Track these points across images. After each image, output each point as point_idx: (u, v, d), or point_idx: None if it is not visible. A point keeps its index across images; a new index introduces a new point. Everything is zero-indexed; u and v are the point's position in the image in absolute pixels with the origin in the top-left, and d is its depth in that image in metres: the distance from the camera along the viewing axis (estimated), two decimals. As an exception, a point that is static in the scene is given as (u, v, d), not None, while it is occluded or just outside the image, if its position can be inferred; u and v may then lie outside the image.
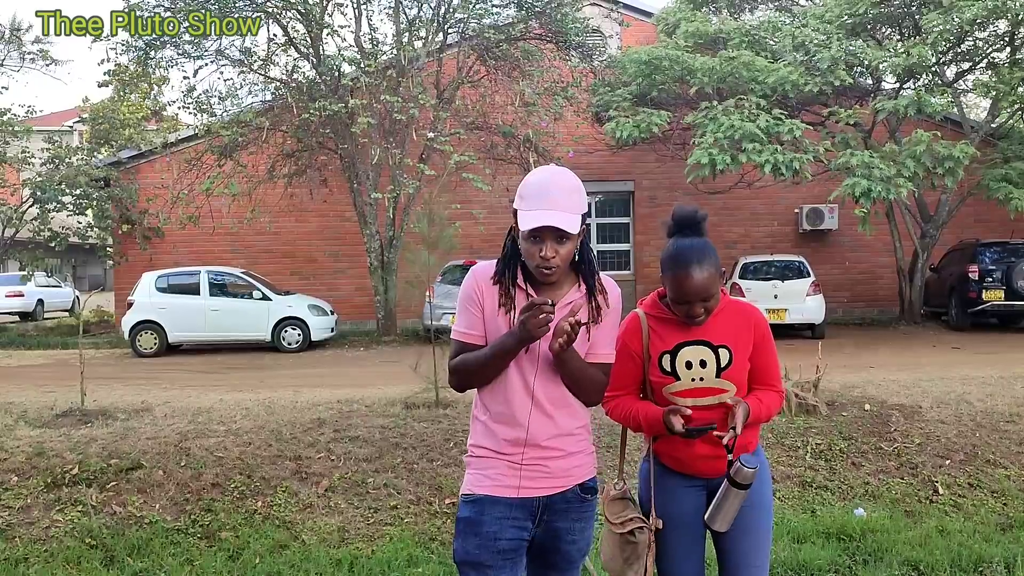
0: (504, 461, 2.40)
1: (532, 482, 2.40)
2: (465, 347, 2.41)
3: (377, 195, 14.67)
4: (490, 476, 2.41)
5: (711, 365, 2.62)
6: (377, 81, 14.39)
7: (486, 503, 2.39)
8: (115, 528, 5.03)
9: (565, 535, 2.46)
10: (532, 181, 2.39)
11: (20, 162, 18.72)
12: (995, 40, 14.89)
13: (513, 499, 2.39)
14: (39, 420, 6.81)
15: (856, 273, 18.82)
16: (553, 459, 2.42)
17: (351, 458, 5.88)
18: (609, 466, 5.82)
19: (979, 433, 6.34)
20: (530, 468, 2.40)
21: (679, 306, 2.60)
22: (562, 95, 15.40)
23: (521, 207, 2.35)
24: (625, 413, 2.71)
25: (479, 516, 2.38)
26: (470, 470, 2.47)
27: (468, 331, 2.42)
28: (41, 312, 25.03)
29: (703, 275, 2.53)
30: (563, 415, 2.44)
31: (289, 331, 14.89)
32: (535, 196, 2.34)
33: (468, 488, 2.45)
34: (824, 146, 13.29)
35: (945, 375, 8.69)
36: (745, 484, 2.51)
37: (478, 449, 2.46)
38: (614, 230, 19.31)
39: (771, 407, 2.69)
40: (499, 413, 2.41)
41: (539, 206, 2.32)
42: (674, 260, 2.58)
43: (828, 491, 5.60)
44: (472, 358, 2.39)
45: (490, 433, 2.43)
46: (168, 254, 18.00)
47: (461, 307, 2.43)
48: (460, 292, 2.45)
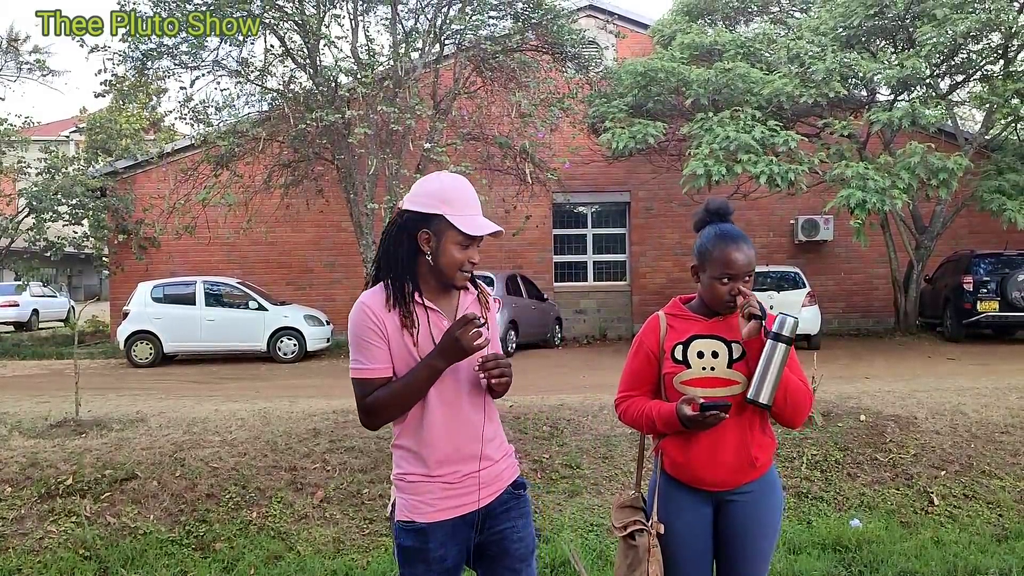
0: (438, 483, 2.36)
1: (468, 497, 2.38)
2: (374, 384, 2.33)
3: (373, 205, 14.67)
4: (427, 501, 2.36)
5: (723, 356, 2.61)
6: (374, 92, 14.42)
7: (428, 530, 2.35)
8: (109, 539, 5.01)
9: (511, 534, 2.45)
10: (454, 185, 2.36)
11: (16, 172, 18.72)
12: (989, 52, 14.98)
13: (454, 519, 2.37)
14: (33, 430, 6.78)
15: (851, 284, 18.86)
16: (485, 470, 2.41)
17: (346, 468, 5.88)
18: (605, 476, 5.83)
19: (974, 444, 6.35)
20: (464, 485, 2.38)
21: (722, 286, 2.60)
22: (558, 106, 15.43)
23: (452, 212, 2.31)
24: (638, 413, 2.69)
25: (423, 544, 2.35)
26: (403, 495, 2.39)
27: (374, 366, 2.32)
28: (36, 322, 25.00)
29: (750, 251, 2.61)
30: (487, 424, 2.44)
31: (285, 341, 14.88)
32: (466, 202, 2.34)
33: (406, 515, 2.37)
34: (819, 157, 13.34)
35: (940, 386, 8.70)
36: (788, 337, 2.47)
37: (408, 476, 2.38)
38: (610, 241, 19.34)
39: (799, 388, 2.60)
40: (425, 437, 2.36)
41: (475, 211, 2.34)
42: (722, 237, 2.64)
43: (824, 502, 5.61)
44: (391, 393, 2.31)
45: (417, 458, 2.37)
46: (164, 264, 18.00)
47: (359, 343, 2.34)
48: (353, 326, 2.35)
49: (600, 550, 4.92)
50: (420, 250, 2.34)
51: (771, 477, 2.72)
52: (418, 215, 2.33)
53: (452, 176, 2.41)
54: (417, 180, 2.43)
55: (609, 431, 6.42)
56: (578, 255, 19.19)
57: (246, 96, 15.98)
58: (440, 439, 2.35)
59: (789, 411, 2.61)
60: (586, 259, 19.22)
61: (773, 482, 2.72)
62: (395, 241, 2.36)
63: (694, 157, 13.09)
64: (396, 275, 2.35)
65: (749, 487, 2.64)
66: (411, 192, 2.40)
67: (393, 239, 2.36)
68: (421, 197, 2.35)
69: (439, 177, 2.41)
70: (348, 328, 2.39)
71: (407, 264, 2.34)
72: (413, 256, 2.35)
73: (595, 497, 5.60)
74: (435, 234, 2.32)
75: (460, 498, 2.37)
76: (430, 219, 2.32)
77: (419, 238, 2.33)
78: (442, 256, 2.32)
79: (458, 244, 2.32)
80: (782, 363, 2.49)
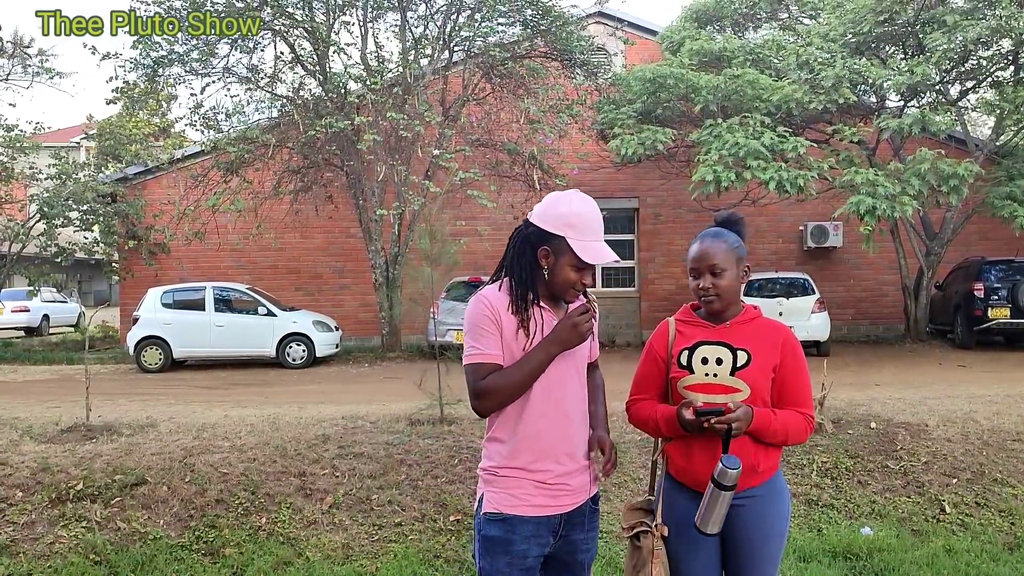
0: (530, 480, 2.43)
1: (557, 500, 2.46)
2: (486, 369, 2.40)
3: (382, 211, 14.71)
4: (517, 496, 2.43)
5: (727, 363, 2.64)
6: (383, 98, 14.47)
7: (515, 522, 2.42)
8: (119, 544, 5.02)
9: (581, 545, 2.55)
10: (581, 211, 2.45)
11: (27, 178, 18.82)
12: (999, 59, 14.92)
13: (541, 517, 2.44)
14: (44, 435, 6.81)
15: (861, 291, 18.80)
16: (575, 473, 2.49)
17: (355, 475, 5.87)
18: (614, 483, 5.81)
19: (986, 452, 6.31)
20: (556, 487, 2.46)
21: (693, 281, 2.70)
22: (567, 112, 15.46)
23: (574, 236, 2.41)
24: (645, 416, 2.75)
25: (509, 535, 2.41)
26: (492, 488, 2.47)
27: (489, 351, 2.41)
28: (47, 327, 25.09)
29: (715, 247, 2.67)
30: (583, 428, 2.54)
31: (294, 347, 14.91)
32: (590, 229, 2.44)
33: (495, 507, 2.44)
34: (828, 164, 13.30)
35: (951, 393, 8.66)
36: (727, 485, 2.49)
37: (501, 469, 2.46)
38: (618, 247, 19.30)
39: (789, 426, 2.64)
40: (521, 431, 2.43)
41: (596, 238, 2.45)
42: (697, 236, 2.76)
43: (834, 509, 5.58)
44: (504, 376, 2.39)
45: (514, 453, 2.44)
46: (173, 270, 18.07)
47: (477, 330, 2.42)
48: (472, 316, 2.43)
49: (609, 557, 4.91)
50: (538, 264, 2.46)
51: (777, 484, 2.72)
52: (542, 232, 2.44)
53: (583, 200, 2.49)
54: (551, 195, 2.52)
55: (618, 438, 6.41)
56: (587, 261, 19.18)
57: (256, 103, 16.11)
58: (537, 435, 2.44)
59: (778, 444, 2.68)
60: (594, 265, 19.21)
61: (779, 489, 2.73)
62: (519, 250, 2.48)
63: (703, 163, 13.08)
64: (520, 282, 2.45)
65: (752, 492, 2.66)
66: (541, 207, 2.49)
67: (518, 248, 2.48)
68: (549, 216, 2.45)
69: (570, 199, 2.47)
70: (465, 319, 2.48)
71: (530, 273, 2.46)
72: (532, 265, 2.46)
73: (604, 504, 5.57)
74: (554, 252, 2.44)
75: (550, 499, 2.45)
76: (552, 238, 2.43)
77: (539, 253, 2.44)
78: (557, 275, 2.45)
79: (574, 266, 2.44)
80: (725, 504, 2.54)
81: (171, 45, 14.73)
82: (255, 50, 15.64)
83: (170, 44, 14.72)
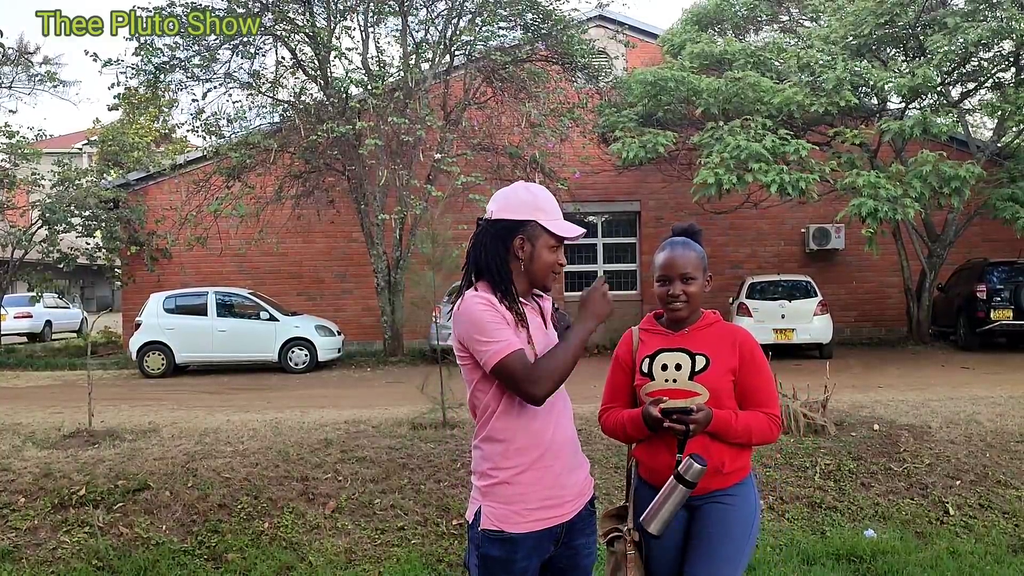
0: (532, 485, 2.38)
1: (558, 508, 2.42)
2: (524, 355, 2.32)
3: (384, 216, 14.72)
4: (517, 511, 2.37)
5: (685, 368, 2.69)
6: (384, 103, 14.48)
7: (518, 540, 2.36)
8: (122, 549, 5.02)
9: (583, 550, 2.53)
10: (542, 194, 2.49)
11: (30, 184, 18.86)
12: (1000, 60, 14.91)
13: (543, 530, 2.40)
14: (47, 441, 6.81)
15: (863, 293, 18.77)
16: (576, 470, 2.49)
17: (358, 479, 5.87)
18: (616, 486, 5.81)
19: (989, 453, 6.30)
20: (558, 490, 2.42)
21: (661, 288, 2.75)
22: (568, 116, 15.47)
23: (545, 218, 2.44)
24: (614, 423, 2.80)
25: (511, 555, 2.36)
26: (490, 502, 2.40)
27: (515, 340, 2.34)
28: (49, 333, 25.11)
29: (684, 255, 2.73)
30: (572, 423, 2.55)
31: (296, 352, 14.91)
32: (554, 209, 2.48)
33: (495, 524, 2.37)
34: (830, 166, 13.29)
35: (954, 395, 8.65)
36: (689, 481, 2.50)
37: (499, 472, 2.39)
38: (620, 250, 19.32)
39: (751, 427, 2.65)
40: (529, 427, 2.40)
41: (561, 215, 2.49)
42: (661, 245, 2.82)
43: (837, 512, 5.57)
44: (555, 358, 2.34)
45: (516, 452, 2.39)
46: (176, 275, 18.08)
47: (490, 326, 2.33)
48: (476, 315, 2.35)
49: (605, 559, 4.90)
50: (513, 255, 2.45)
51: (745, 490, 2.73)
52: (512, 222, 2.44)
53: (538, 186, 2.54)
54: (497, 192, 2.54)
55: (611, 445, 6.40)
56: (588, 264, 19.17)
57: (257, 108, 16.11)
58: (539, 430, 2.41)
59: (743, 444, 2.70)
60: (596, 268, 19.21)
61: (747, 496, 2.73)
62: (490, 249, 2.46)
63: (704, 166, 13.07)
64: (500, 278, 2.44)
65: (719, 493, 2.68)
66: (499, 202, 2.49)
67: (488, 247, 2.46)
68: (515, 205, 2.46)
69: (527, 187, 2.51)
70: (467, 321, 2.37)
71: (506, 268, 2.45)
72: (507, 261, 2.45)
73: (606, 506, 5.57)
74: (530, 239, 2.44)
75: (550, 508, 2.41)
76: (524, 225, 2.44)
77: (514, 244, 2.44)
78: (536, 260, 2.45)
79: (550, 247, 2.45)
80: (677, 504, 2.54)
81: (173, 51, 14.75)
82: (256, 55, 15.68)
83: (172, 50, 14.74)
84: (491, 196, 2.61)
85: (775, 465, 6.07)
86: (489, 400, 2.41)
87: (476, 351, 2.35)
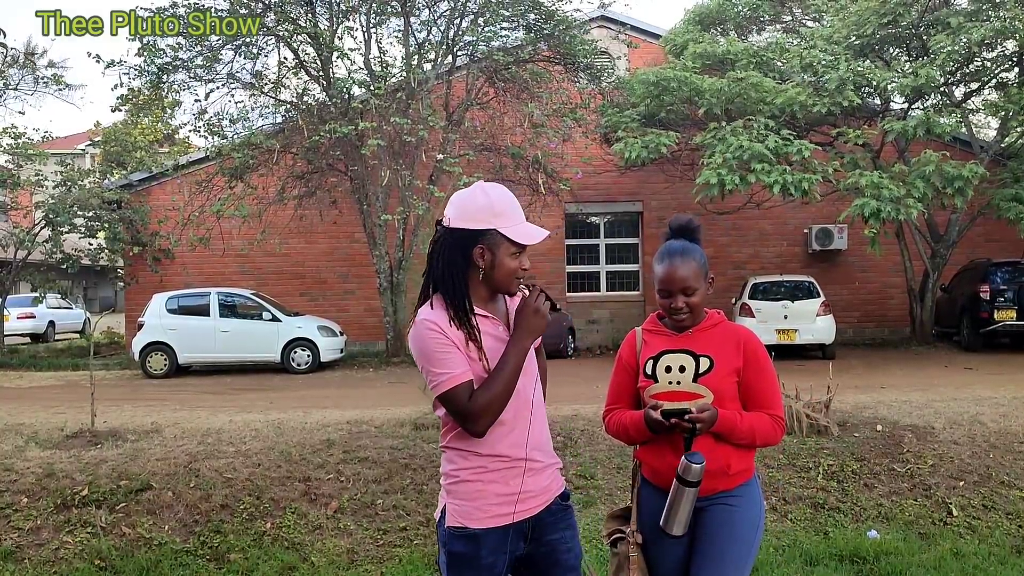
0: (494, 485, 2.36)
1: (523, 504, 2.39)
2: (468, 388, 2.29)
3: (387, 217, 14.72)
4: (480, 507, 2.35)
5: (689, 370, 2.68)
6: (387, 103, 14.48)
7: (481, 536, 2.34)
8: (124, 550, 5.02)
9: (560, 545, 2.47)
10: (501, 197, 2.38)
11: (33, 185, 18.88)
12: (1003, 60, 14.89)
13: (507, 526, 2.37)
14: (49, 441, 6.82)
15: (866, 293, 18.74)
16: (541, 471, 2.43)
17: (360, 479, 5.87)
18: (620, 487, 5.80)
19: (993, 454, 6.29)
20: (517, 488, 2.38)
21: (663, 300, 2.72)
22: (571, 116, 15.46)
23: (504, 224, 2.34)
24: (617, 425, 2.79)
25: (475, 551, 2.34)
26: (454, 500, 2.38)
27: (462, 370, 2.29)
28: (52, 334, 25.16)
29: (685, 267, 2.68)
30: (544, 423, 2.50)
31: (299, 352, 14.92)
32: (515, 212, 2.38)
33: (458, 520, 2.36)
34: (833, 166, 13.27)
35: (958, 396, 8.63)
36: (691, 481, 2.49)
37: (462, 472, 2.37)
38: (622, 251, 19.31)
39: (756, 428, 2.65)
40: (487, 439, 2.35)
41: (522, 219, 2.39)
42: (660, 254, 2.75)
43: (841, 513, 5.56)
44: (492, 388, 2.28)
45: (475, 457, 2.36)
46: (178, 276, 18.09)
47: (435, 355, 2.30)
48: (421, 343, 2.32)
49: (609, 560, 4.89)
50: (473, 264, 2.35)
51: (751, 491, 2.73)
52: (470, 232, 2.34)
53: (495, 187, 2.41)
54: (455, 195, 2.42)
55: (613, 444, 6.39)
56: (591, 265, 19.16)
57: (260, 108, 16.12)
58: (510, 435, 2.37)
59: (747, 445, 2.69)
60: (599, 269, 19.20)
61: (753, 497, 2.73)
62: (447, 260, 2.36)
63: (707, 167, 13.06)
64: (455, 293, 2.35)
65: (724, 495, 2.67)
66: (456, 209, 2.37)
67: (445, 258, 2.37)
68: (472, 213, 2.35)
69: (484, 191, 2.39)
70: (416, 348, 2.35)
71: (463, 279, 2.36)
72: (465, 271, 2.36)
73: (609, 508, 5.56)
74: (490, 248, 2.34)
75: (514, 504, 2.37)
76: (483, 234, 2.34)
77: (473, 253, 2.34)
78: (498, 269, 2.36)
79: (511, 255, 2.36)
80: (690, 503, 2.54)
81: (175, 52, 14.76)
82: (259, 56, 15.70)
83: (174, 51, 14.75)
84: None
85: (778, 466, 6.06)
86: (448, 416, 2.39)
87: (426, 377, 2.35)
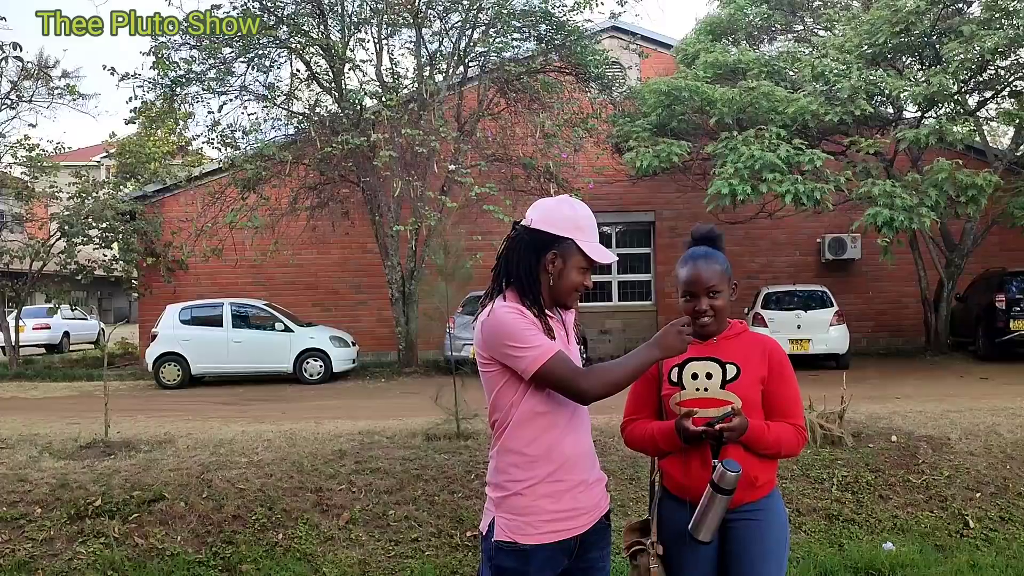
0: (547, 500, 2.36)
1: (572, 521, 2.40)
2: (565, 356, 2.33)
3: (399, 227, 14.75)
4: (531, 523, 2.35)
5: (716, 377, 2.65)
6: (398, 114, 14.53)
7: (531, 552, 2.35)
8: (137, 560, 5.03)
9: (597, 563, 2.50)
10: (586, 214, 2.45)
11: (48, 196, 19.03)
12: (1017, 68, 14.80)
13: (557, 543, 2.38)
14: (63, 452, 6.84)
15: (880, 303, 18.63)
16: (593, 485, 2.46)
17: (372, 490, 5.86)
18: (632, 498, 5.77)
19: (1010, 465, 6.22)
20: (573, 504, 2.39)
21: (688, 304, 2.71)
22: (582, 126, 15.48)
23: (582, 238, 2.40)
24: (641, 435, 2.75)
25: (524, 567, 2.35)
26: (504, 513, 2.38)
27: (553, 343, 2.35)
28: (67, 344, 25.31)
29: (709, 269, 2.69)
30: (589, 437, 2.51)
31: (311, 363, 14.95)
32: (593, 231, 2.44)
33: (508, 535, 2.36)
34: (845, 176, 13.22)
35: (973, 406, 8.55)
36: (727, 489, 2.47)
37: (514, 484, 2.37)
38: (634, 260, 19.27)
39: (782, 438, 2.63)
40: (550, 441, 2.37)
41: (597, 238, 2.45)
42: (684, 259, 2.77)
43: (855, 524, 5.51)
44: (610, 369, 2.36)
45: (535, 464, 2.37)
46: (192, 286, 18.17)
47: (525, 332, 2.31)
48: (511, 325, 2.33)
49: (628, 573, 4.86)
50: (543, 269, 2.42)
51: (774, 503, 2.71)
52: (549, 236, 2.40)
53: (581, 204, 2.50)
54: (540, 201, 2.50)
55: (635, 452, 6.35)
56: (602, 275, 19.13)
57: (272, 120, 16.21)
58: (560, 443, 2.38)
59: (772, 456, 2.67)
60: (611, 279, 19.16)
61: (778, 510, 2.72)
62: (523, 257, 2.42)
63: (719, 176, 13.03)
64: (528, 289, 2.41)
65: (750, 508, 2.64)
66: (540, 212, 2.44)
67: (522, 255, 2.42)
68: (556, 220, 2.41)
69: (571, 204, 2.47)
70: (498, 333, 2.35)
71: (536, 279, 2.42)
72: (537, 273, 2.42)
73: (622, 519, 5.52)
74: (562, 256, 2.40)
75: (564, 521, 2.38)
76: (559, 241, 2.39)
77: (546, 257, 2.40)
78: (564, 278, 2.42)
79: (580, 268, 2.42)
80: (722, 510, 2.52)
81: (189, 64, 14.85)
82: (271, 68, 15.78)
83: (188, 63, 14.84)
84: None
85: (792, 477, 6.02)
86: (508, 410, 2.39)
87: (511, 359, 2.33)
